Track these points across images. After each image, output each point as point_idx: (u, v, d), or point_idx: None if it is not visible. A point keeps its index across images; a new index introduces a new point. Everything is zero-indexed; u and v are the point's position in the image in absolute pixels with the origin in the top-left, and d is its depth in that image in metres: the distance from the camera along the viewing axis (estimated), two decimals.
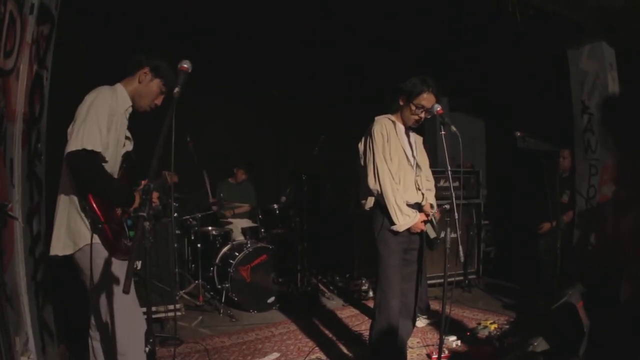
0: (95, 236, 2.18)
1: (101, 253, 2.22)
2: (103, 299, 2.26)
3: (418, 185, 3.03)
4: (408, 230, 2.90)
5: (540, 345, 3.14)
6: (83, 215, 2.22)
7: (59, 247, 2.25)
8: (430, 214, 3.04)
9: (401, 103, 2.99)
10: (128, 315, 2.27)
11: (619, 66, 4.85)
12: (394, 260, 2.92)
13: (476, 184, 5.96)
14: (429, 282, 5.37)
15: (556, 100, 5.49)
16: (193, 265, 5.36)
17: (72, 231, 2.24)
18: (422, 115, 2.93)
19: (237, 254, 4.85)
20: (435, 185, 3.34)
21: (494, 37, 5.19)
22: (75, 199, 2.24)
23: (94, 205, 2.19)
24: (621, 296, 1.63)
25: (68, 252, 2.25)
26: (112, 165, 2.33)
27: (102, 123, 2.18)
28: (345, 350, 3.77)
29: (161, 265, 4.03)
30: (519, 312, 4.60)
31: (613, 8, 4.56)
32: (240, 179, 6.00)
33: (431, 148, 4.13)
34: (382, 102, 3.18)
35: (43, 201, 2.91)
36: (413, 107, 2.91)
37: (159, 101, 2.49)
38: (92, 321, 2.40)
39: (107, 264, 2.25)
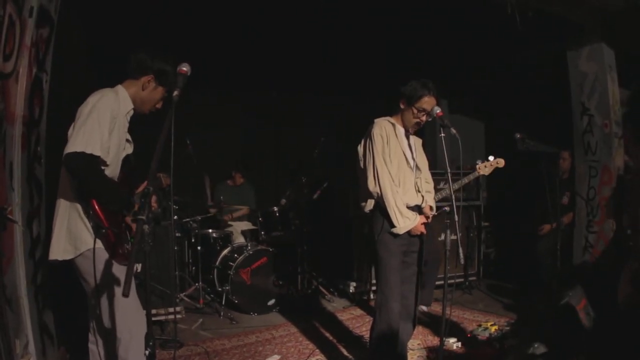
0: (98, 241, 2.15)
1: (102, 257, 2.20)
2: (104, 303, 2.25)
3: (418, 187, 3.04)
4: (408, 232, 2.90)
5: (539, 348, 3.14)
6: (85, 219, 2.20)
7: (59, 251, 2.22)
8: (430, 216, 3.04)
9: (402, 106, 3.00)
10: (129, 319, 2.25)
11: (618, 68, 4.86)
12: (393, 263, 2.92)
13: (476, 186, 5.96)
14: None
15: (556, 101, 5.49)
16: (193, 268, 5.35)
17: (72, 235, 2.21)
18: (424, 118, 2.95)
19: (237, 257, 4.85)
20: (435, 187, 3.34)
21: (494, 39, 5.20)
22: (76, 202, 2.21)
23: (98, 209, 2.16)
24: (619, 297, 1.63)
25: (68, 256, 2.22)
26: (114, 169, 2.31)
27: (104, 126, 2.15)
28: (345, 353, 3.76)
29: (161, 268, 4.02)
30: (520, 313, 4.59)
31: (613, 10, 4.57)
32: (238, 182, 5.98)
33: (431, 150, 4.13)
34: (382, 104, 3.19)
35: (43, 204, 2.91)
36: (415, 111, 2.93)
37: (159, 105, 2.48)
38: (92, 325, 2.39)
39: (108, 268, 2.23)
